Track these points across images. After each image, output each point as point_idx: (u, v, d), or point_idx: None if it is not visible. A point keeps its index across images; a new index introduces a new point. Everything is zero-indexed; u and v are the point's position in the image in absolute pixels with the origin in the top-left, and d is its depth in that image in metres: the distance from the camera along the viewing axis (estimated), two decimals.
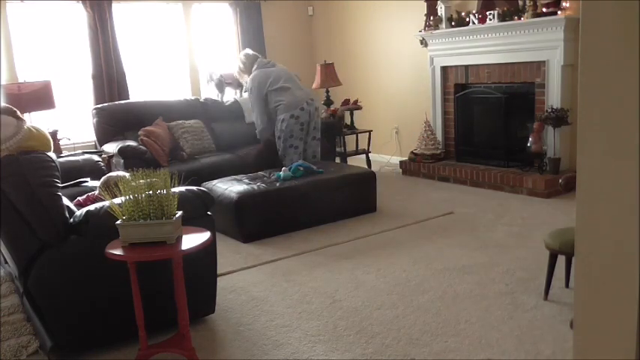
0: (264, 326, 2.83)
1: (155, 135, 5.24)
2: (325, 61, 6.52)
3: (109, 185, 2.87)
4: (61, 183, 2.66)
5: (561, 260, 2.93)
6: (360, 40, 7.16)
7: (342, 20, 7.36)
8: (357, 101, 6.59)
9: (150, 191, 2.25)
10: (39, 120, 5.23)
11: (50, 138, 2.86)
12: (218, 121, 5.94)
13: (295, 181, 4.46)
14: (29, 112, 5.04)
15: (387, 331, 2.70)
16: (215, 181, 4.55)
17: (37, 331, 2.63)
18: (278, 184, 4.41)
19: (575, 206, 1.31)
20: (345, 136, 6.47)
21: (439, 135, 6.17)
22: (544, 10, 4.93)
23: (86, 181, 3.57)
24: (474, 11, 5.53)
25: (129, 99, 6.13)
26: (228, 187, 4.33)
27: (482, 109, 5.86)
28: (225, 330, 2.82)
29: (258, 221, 4.22)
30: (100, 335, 2.61)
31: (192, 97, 6.18)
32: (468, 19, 5.55)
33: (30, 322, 2.70)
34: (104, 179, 3.05)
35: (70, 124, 5.89)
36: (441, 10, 5.81)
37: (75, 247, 2.45)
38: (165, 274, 2.49)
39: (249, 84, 5.15)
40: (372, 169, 5.80)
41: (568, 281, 3.01)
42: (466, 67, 5.82)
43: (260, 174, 4.75)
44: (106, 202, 2.45)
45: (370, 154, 6.58)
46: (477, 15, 5.45)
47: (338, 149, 6.29)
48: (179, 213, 2.33)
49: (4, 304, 2.79)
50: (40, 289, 2.44)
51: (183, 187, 2.69)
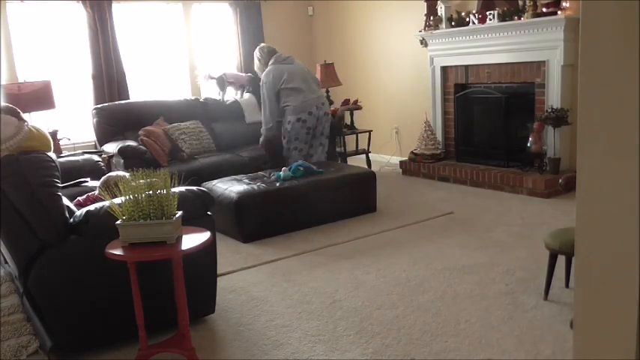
0: (264, 326, 2.83)
1: (155, 135, 5.25)
2: (325, 61, 6.53)
3: (109, 185, 2.87)
4: (61, 183, 2.66)
5: (561, 260, 2.93)
6: (360, 40, 7.16)
7: (342, 20, 7.36)
8: (357, 101, 6.59)
9: (150, 191, 2.25)
10: (39, 120, 5.23)
11: (50, 138, 2.87)
12: (218, 121, 5.94)
13: (295, 181, 4.46)
14: (29, 112, 5.04)
15: (387, 331, 2.70)
16: (215, 181, 4.55)
17: (37, 331, 2.63)
18: (278, 184, 4.41)
19: (575, 206, 1.31)
20: (345, 136, 6.47)
21: (439, 135, 6.17)
22: (544, 10, 4.93)
23: (86, 181, 3.57)
24: (474, 11, 5.53)
25: (129, 99, 6.13)
26: (228, 187, 4.33)
27: (482, 109, 5.86)
28: (225, 330, 2.82)
29: (258, 221, 4.22)
30: (100, 335, 2.61)
31: (192, 97, 6.19)
32: (468, 19, 5.55)
33: (30, 322, 2.70)
34: (104, 179, 3.05)
35: (70, 124, 5.89)
36: (441, 10, 5.81)
37: (75, 247, 2.45)
38: (165, 274, 2.49)
39: (263, 78, 5.02)
40: (372, 169, 5.80)
41: (568, 281, 3.01)
42: (466, 67, 5.82)
43: (260, 174, 4.76)
44: (106, 202, 2.45)
45: (370, 154, 6.58)
46: (477, 15, 5.45)
47: (338, 149, 6.29)
48: (179, 213, 2.33)
49: (4, 304, 2.79)
50: (40, 289, 2.44)
51: (183, 187, 2.69)
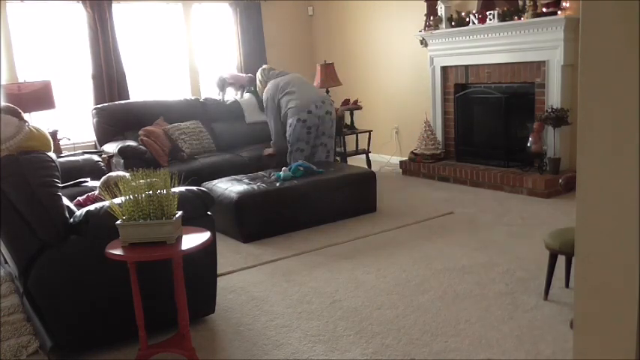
0: (264, 326, 2.83)
1: (155, 135, 5.25)
2: (325, 61, 6.53)
3: (109, 185, 2.87)
4: (61, 183, 2.66)
5: (561, 260, 2.93)
6: (360, 40, 7.16)
7: (342, 20, 7.36)
8: (357, 101, 6.59)
9: (150, 191, 2.25)
10: (39, 120, 5.23)
11: (50, 138, 2.87)
12: (218, 121, 5.94)
13: (295, 181, 4.46)
14: (29, 112, 5.04)
15: (387, 331, 2.70)
16: (215, 181, 4.55)
17: (37, 331, 2.63)
18: (278, 184, 4.41)
19: (575, 206, 1.30)
20: (345, 136, 6.47)
21: (439, 135, 6.17)
22: (544, 10, 4.93)
23: (86, 181, 3.57)
24: (474, 11, 5.53)
25: (129, 99, 6.13)
26: (228, 187, 4.33)
27: (482, 109, 5.86)
28: (225, 330, 2.82)
29: (258, 221, 4.22)
30: (100, 335, 2.61)
31: (192, 97, 6.19)
32: (468, 19, 5.55)
33: (30, 322, 2.70)
34: (104, 179, 3.05)
35: (70, 124, 5.90)
36: (441, 10, 5.81)
37: (75, 247, 2.45)
38: (166, 274, 2.49)
39: (264, 96, 5.19)
40: (372, 169, 5.80)
41: (568, 281, 3.01)
42: (466, 67, 5.82)
43: (260, 174, 4.76)
44: (106, 202, 2.45)
45: (370, 154, 6.58)
46: (477, 15, 5.45)
47: (338, 149, 6.29)
48: (179, 213, 2.33)
49: (4, 304, 2.79)
50: (40, 289, 2.44)
51: (183, 187, 2.69)
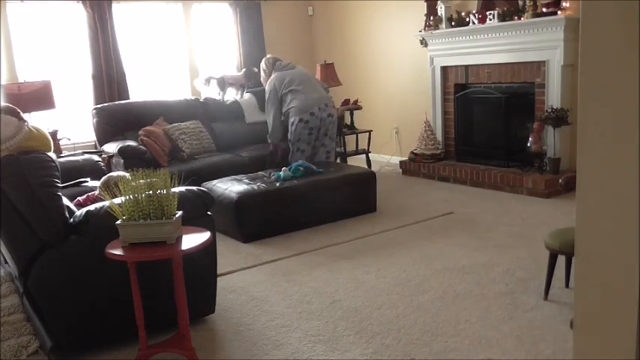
0: (264, 326, 2.83)
1: (155, 135, 5.25)
2: (325, 61, 6.52)
3: (109, 185, 2.87)
4: (61, 183, 2.66)
5: (561, 260, 2.93)
6: (360, 40, 7.16)
7: (342, 20, 7.36)
8: (357, 101, 6.59)
9: (150, 191, 2.25)
10: (39, 120, 5.23)
11: (50, 138, 2.87)
12: (218, 121, 5.94)
13: (295, 181, 4.46)
14: (29, 112, 5.04)
15: (387, 331, 2.70)
16: (215, 181, 4.55)
17: (37, 331, 2.63)
18: (278, 184, 4.41)
19: (575, 206, 1.30)
20: (345, 136, 6.47)
21: (439, 135, 6.17)
22: (544, 10, 4.93)
23: (86, 181, 3.56)
24: (474, 11, 5.53)
25: (129, 99, 6.13)
26: (228, 187, 4.33)
27: (483, 109, 5.86)
28: (225, 330, 2.82)
29: (258, 221, 4.22)
30: (100, 335, 2.61)
31: (192, 97, 6.18)
32: (468, 19, 5.55)
33: (30, 322, 2.70)
34: (104, 179, 3.05)
35: (70, 124, 5.90)
36: (441, 10, 5.81)
37: (75, 247, 2.45)
38: (166, 274, 2.49)
39: (266, 88, 5.13)
40: (372, 169, 5.80)
41: (568, 281, 3.01)
42: (466, 67, 5.81)
43: (260, 174, 4.76)
44: (106, 202, 2.45)
45: (370, 154, 6.58)
46: (477, 15, 5.45)
47: (338, 149, 6.29)
48: (179, 213, 2.33)
49: (4, 304, 2.79)
50: (40, 289, 2.44)
51: (183, 187, 2.69)
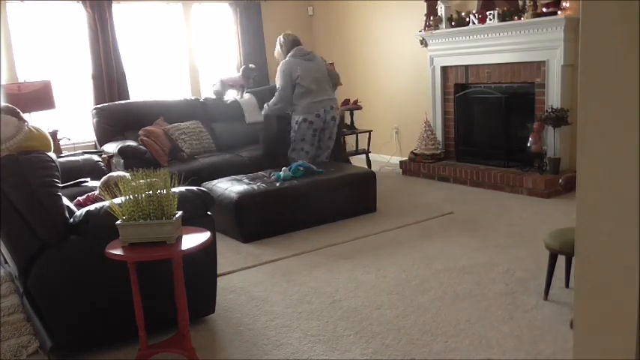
0: (264, 326, 2.83)
1: (155, 135, 5.25)
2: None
3: (109, 185, 2.87)
4: (61, 183, 2.66)
5: (561, 260, 2.93)
6: (360, 40, 7.16)
7: (342, 20, 7.36)
8: (357, 101, 6.59)
9: (150, 191, 2.25)
10: (39, 120, 5.23)
11: (50, 138, 2.87)
12: (218, 121, 5.94)
13: (295, 181, 4.46)
14: (29, 112, 5.04)
15: (387, 331, 2.70)
16: (215, 181, 4.55)
17: (37, 331, 2.63)
18: (278, 184, 4.41)
19: (575, 206, 1.30)
20: (345, 136, 6.47)
21: (439, 135, 6.17)
22: (544, 10, 4.93)
23: (86, 181, 3.56)
24: (474, 11, 5.53)
25: (129, 99, 6.13)
26: (228, 187, 4.33)
27: (482, 109, 5.86)
28: (225, 330, 2.82)
29: (258, 221, 4.22)
30: (100, 335, 2.61)
31: (192, 97, 6.19)
32: (468, 19, 5.55)
33: (30, 322, 2.70)
34: (104, 179, 3.05)
35: (70, 124, 5.89)
36: (441, 10, 5.81)
37: (75, 247, 2.45)
38: (166, 274, 2.49)
39: (279, 67, 5.01)
40: (372, 169, 5.80)
41: (568, 281, 3.01)
42: (466, 67, 5.81)
43: (260, 174, 4.76)
44: (106, 202, 2.45)
45: (370, 154, 6.58)
46: (477, 15, 5.45)
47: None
48: (179, 213, 2.33)
49: (4, 304, 2.79)
50: (40, 289, 2.44)
51: (183, 187, 2.69)
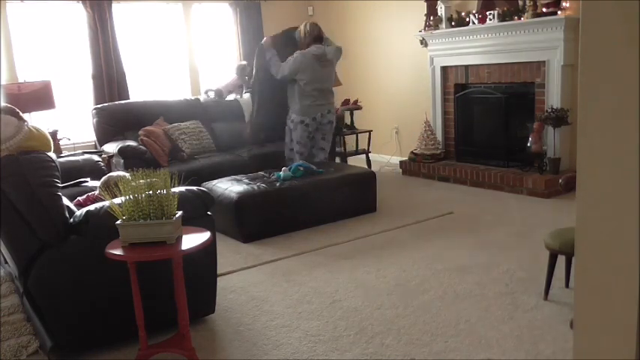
0: (264, 326, 2.83)
1: (155, 135, 5.25)
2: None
3: (109, 185, 2.87)
4: (61, 183, 2.66)
5: (561, 260, 2.93)
6: (360, 40, 7.16)
7: (342, 20, 7.36)
8: (357, 101, 6.59)
9: (150, 191, 2.25)
10: (39, 120, 5.23)
11: (50, 138, 2.87)
12: (218, 121, 5.94)
13: (295, 181, 4.46)
14: (29, 112, 5.04)
15: (387, 331, 2.70)
16: (215, 181, 4.55)
17: (37, 331, 2.63)
18: (278, 184, 4.41)
19: (575, 206, 1.30)
20: (345, 136, 6.47)
21: (439, 135, 6.17)
22: (544, 10, 4.93)
23: (86, 181, 3.57)
24: (474, 11, 5.53)
25: (129, 99, 6.13)
26: (228, 187, 4.33)
27: (483, 109, 5.86)
28: (225, 330, 2.82)
29: (258, 221, 4.22)
30: (100, 335, 2.61)
31: (192, 97, 6.19)
32: (468, 19, 5.55)
33: (30, 322, 2.70)
34: (104, 179, 3.05)
35: (70, 124, 5.89)
36: (441, 10, 5.81)
37: (75, 247, 2.45)
38: (166, 274, 2.49)
39: (297, 54, 4.90)
40: (372, 169, 5.80)
41: (568, 281, 3.01)
42: (466, 67, 5.81)
43: (260, 174, 4.76)
44: (106, 202, 2.45)
45: (370, 154, 6.58)
46: (477, 15, 5.45)
47: (338, 149, 6.29)
48: (179, 213, 2.33)
49: (4, 304, 2.79)
50: (40, 289, 2.44)
51: (183, 187, 2.69)
